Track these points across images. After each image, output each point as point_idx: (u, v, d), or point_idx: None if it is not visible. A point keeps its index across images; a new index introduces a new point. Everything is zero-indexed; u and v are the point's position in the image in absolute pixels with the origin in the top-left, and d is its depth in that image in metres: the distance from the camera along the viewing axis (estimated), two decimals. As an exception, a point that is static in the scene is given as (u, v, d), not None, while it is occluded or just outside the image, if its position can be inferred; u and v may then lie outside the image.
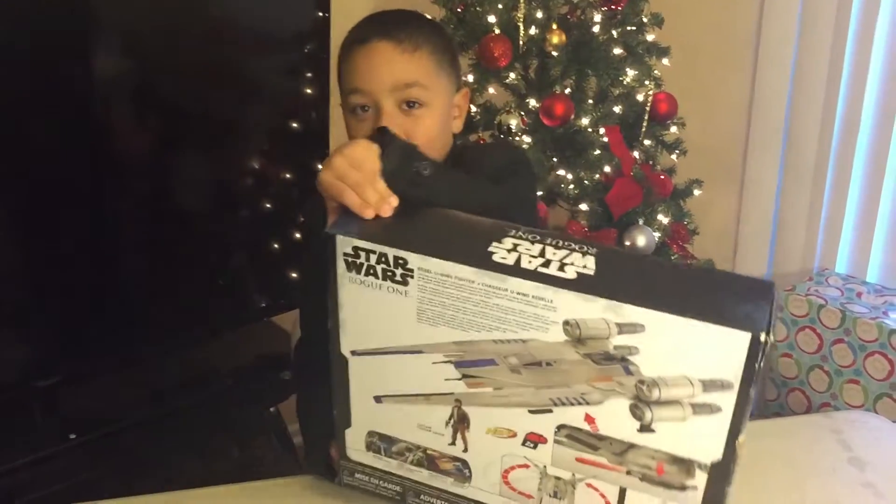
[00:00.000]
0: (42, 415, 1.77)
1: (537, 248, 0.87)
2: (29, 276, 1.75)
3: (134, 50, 1.80)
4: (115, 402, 1.86)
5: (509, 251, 0.86)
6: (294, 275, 2.19)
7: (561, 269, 0.84)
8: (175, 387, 1.96)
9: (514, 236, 0.88)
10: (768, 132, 2.37)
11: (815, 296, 2.14)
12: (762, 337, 0.78)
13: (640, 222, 1.96)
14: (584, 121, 1.94)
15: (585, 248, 0.87)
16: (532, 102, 1.94)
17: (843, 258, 2.34)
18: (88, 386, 1.84)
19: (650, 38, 1.97)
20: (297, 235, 2.23)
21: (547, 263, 0.84)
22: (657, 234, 1.97)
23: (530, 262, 0.84)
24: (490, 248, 0.86)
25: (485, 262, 0.85)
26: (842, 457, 1.24)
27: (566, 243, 0.88)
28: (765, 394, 2.33)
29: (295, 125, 2.14)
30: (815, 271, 2.35)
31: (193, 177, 2.01)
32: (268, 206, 2.18)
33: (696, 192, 2.15)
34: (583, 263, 0.85)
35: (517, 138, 1.91)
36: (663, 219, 2.03)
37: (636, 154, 2.01)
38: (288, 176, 2.19)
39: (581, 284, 0.82)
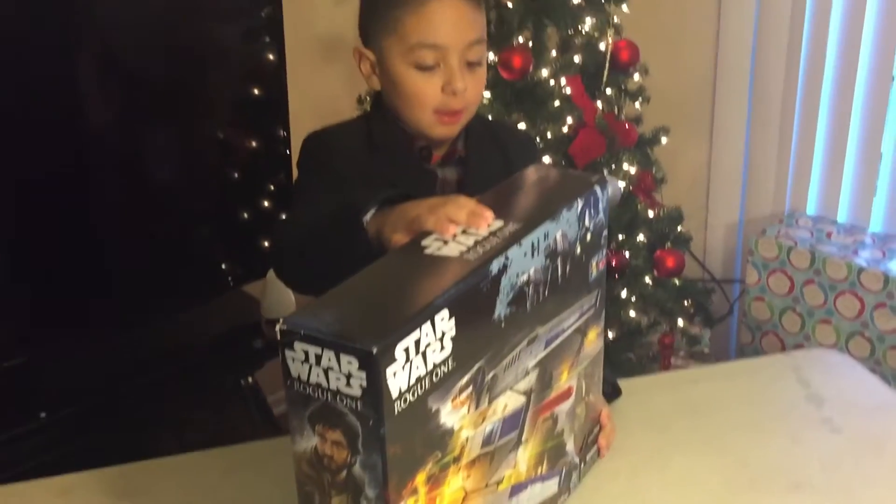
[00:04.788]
0: (11, 394, 1.76)
1: None
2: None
3: (91, 22, 1.77)
4: (86, 379, 1.85)
5: None
6: (265, 243, 2.18)
7: None
8: (147, 360, 1.95)
9: None
10: (735, 77, 2.36)
11: (785, 238, 2.14)
12: None
13: (606, 172, 1.95)
14: (544, 72, 1.92)
15: None
16: (490, 56, 1.91)
17: (813, 200, 2.33)
18: (59, 362, 1.83)
19: (606, -16, 1.95)
20: (266, 204, 2.22)
21: None
22: (622, 184, 1.96)
23: None
24: None
25: None
26: (800, 394, 1.24)
27: None
28: (739, 338, 2.34)
29: (255, 92, 2.12)
30: (786, 214, 2.34)
31: (154, 147, 1.99)
32: (233, 174, 2.16)
33: (664, 140, 2.14)
34: None
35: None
36: (629, 168, 2.02)
37: (599, 104, 1.99)
38: (250, 144, 2.16)
39: None
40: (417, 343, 0.72)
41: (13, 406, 1.75)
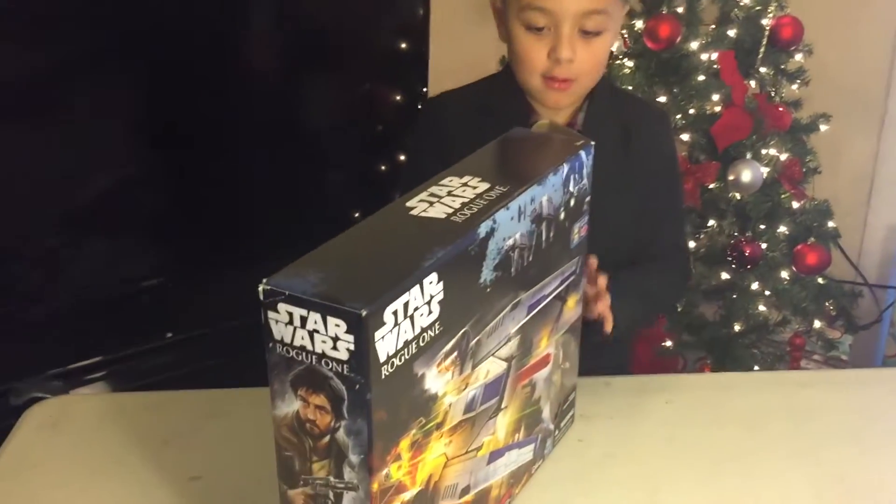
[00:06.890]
0: (144, 313, 1.89)
1: None
2: (147, 190, 1.86)
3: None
4: (212, 306, 1.95)
5: None
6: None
7: None
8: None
9: None
10: (916, 66, 2.16)
11: (948, 246, 1.95)
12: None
13: (748, 156, 1.84)
14: (693, 45, 1.82)
15: None
16: (638, 24, 1.84)
17: None
18: (190, 288, 1.94)
19: (771, -46, 1.82)
20: (402, 158, 2.25)
21: None
22: (766, 170, 1.84)
23: None
24: None
25: None
26: (918, 412, 1.13)
27: None
28: (886, 349, 2.17)
29: (399, 46, 2.14)
30: (956, 220, 2.14)
31: (296, 95, 2.05)
32: (372, 126, 2.20)
33: (823, 128, 1.99)
34: None
35: (618, 62, 1.82)
36: (777, 154, 1.89)
37: (751, 83, 1.87)
38: (391, 97, 2.19)
39: None
40: (406, 306, 0.70)
41: (144, 324, 1.88)
